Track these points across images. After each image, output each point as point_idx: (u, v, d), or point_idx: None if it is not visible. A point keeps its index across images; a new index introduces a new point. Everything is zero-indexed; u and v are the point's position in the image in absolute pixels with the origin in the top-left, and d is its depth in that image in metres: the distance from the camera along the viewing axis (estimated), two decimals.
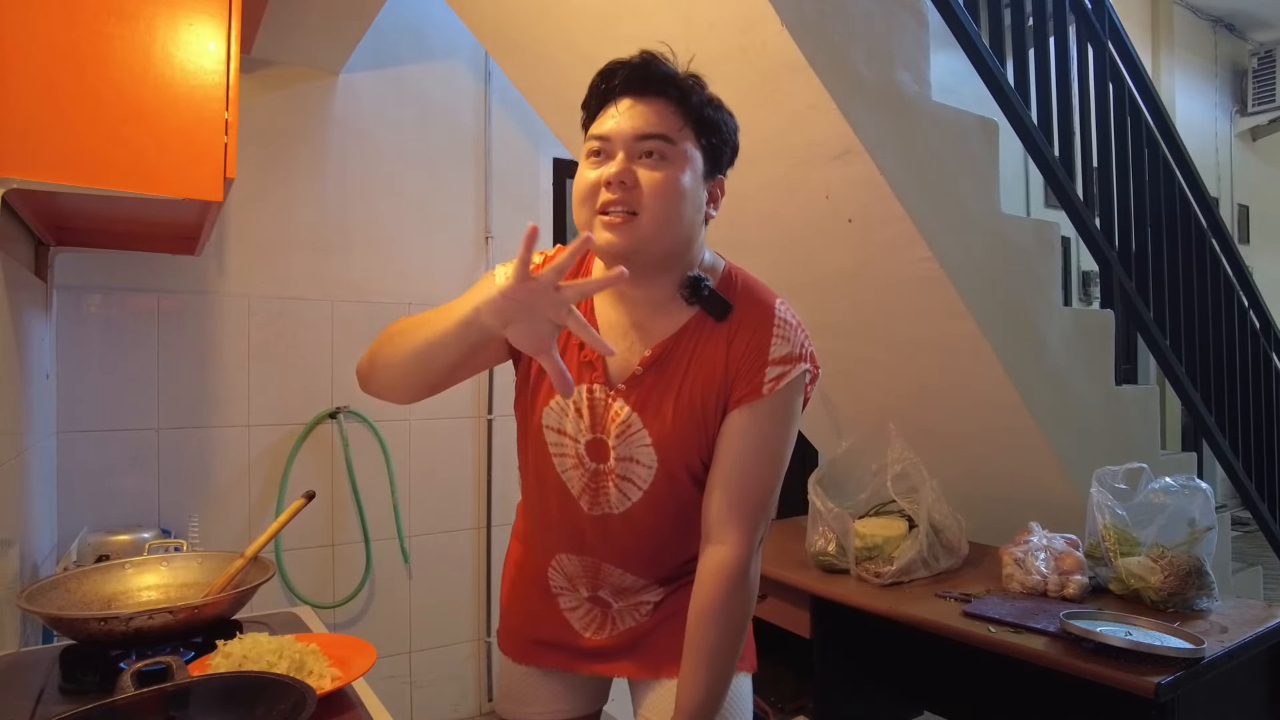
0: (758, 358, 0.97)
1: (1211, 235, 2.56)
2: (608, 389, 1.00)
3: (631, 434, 1.00)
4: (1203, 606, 1.50)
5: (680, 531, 1.04)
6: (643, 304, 1.00)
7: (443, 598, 2.69)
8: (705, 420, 0.99)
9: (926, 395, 2.08)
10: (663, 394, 0.99)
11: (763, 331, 0.98)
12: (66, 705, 0.94)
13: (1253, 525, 3.36)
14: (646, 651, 1.10)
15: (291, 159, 2.45)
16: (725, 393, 0.98)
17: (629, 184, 0.91)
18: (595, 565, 1.08)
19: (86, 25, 1.15)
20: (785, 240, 1.97)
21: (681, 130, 0.94)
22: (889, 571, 1.70)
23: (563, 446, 1.04)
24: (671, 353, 0.99)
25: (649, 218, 0.92)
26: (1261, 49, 6.06)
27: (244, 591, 1.13)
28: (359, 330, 2.55)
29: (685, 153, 0.94)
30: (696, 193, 0.95)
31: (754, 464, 0.98)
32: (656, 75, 0.94)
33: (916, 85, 1.72)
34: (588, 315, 1.02)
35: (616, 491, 1.02)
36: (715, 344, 0.98)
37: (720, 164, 0.99)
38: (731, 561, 0.96)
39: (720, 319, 0.98)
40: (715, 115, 0.96)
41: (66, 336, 2.10)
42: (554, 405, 1.03)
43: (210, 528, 2.26)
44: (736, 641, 0.97)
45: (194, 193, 1.22)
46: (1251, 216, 6.20)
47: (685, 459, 1.00)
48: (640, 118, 0.93)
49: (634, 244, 0.92)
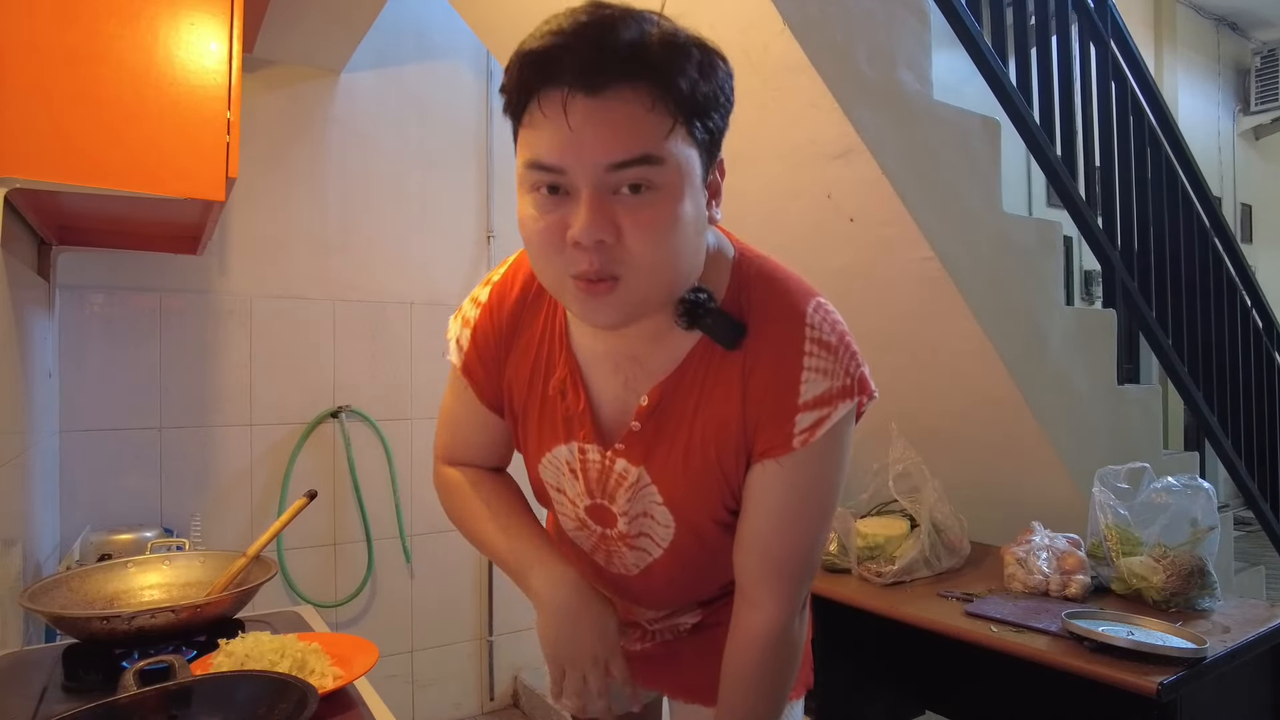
0: (784, 400, 0.73)
1: (1214, 234, 2.55)
2: (602, 449, 0.81)
3: (642, 491, 0.82)
4: (1205, 606, 1.49)
5: (713, 569, 0.88)
6: (633, 334, 0.76)
7: (444, 597, 2.69)
8: (725, 474, 0.79)
9: (928, 395, 2.07)
10: (669, 447, 0.79)
11: (789, 362, 0.73)
12: (69, 704, 0.94)
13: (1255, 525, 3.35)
14: (685, 671, 0.99)
15: (293, 158, 2.45)
16: (746, 442, 0.76)
17: (609, 240, 0.64)
18: (624, 605, 0.97)
19: (88, 25, 1.15)
20: (786, 240, 1.96)
21: (670, 135, 0.64)
22: (891, 571, 1.69)
23: (564, 506, 0.90)
24: (674, 394, 0.77)
25: (638, 278, 0.66)
26: (1264, 48, 6.05)
27: (246, 590, 1.13)
28: (361, 329, 2.55)
29: (679, 165, 0.65)
30: (700, 209, 0.69)
31: (790, 522, 0.78)
32: (619, 51, 0.62)
33: (918, 84, 1.72)
34: (563, 350, 0.81)
35: (631, 553, 0.88)
36: (729, 377, 0.75)
37: (719, 146, 0.71)
38: (768, 628, 0.80)
39: (731, 347, 0.74)
40: (711, 89, 0.67)
41: (69, 336, 2.10)
42: (547, 462, 0.86)
43: (212, 527, 2.26)
44: (775, 709, 0.82)
45: (196, 192, 1.22)
46: (1254, 215, 6.19)
47: (709, 512, 0.82)
48: (609, 132, 0.62)
49: (624, 316, 0.69)
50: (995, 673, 1.66)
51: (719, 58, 0.69)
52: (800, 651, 0.85)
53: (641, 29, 0.63)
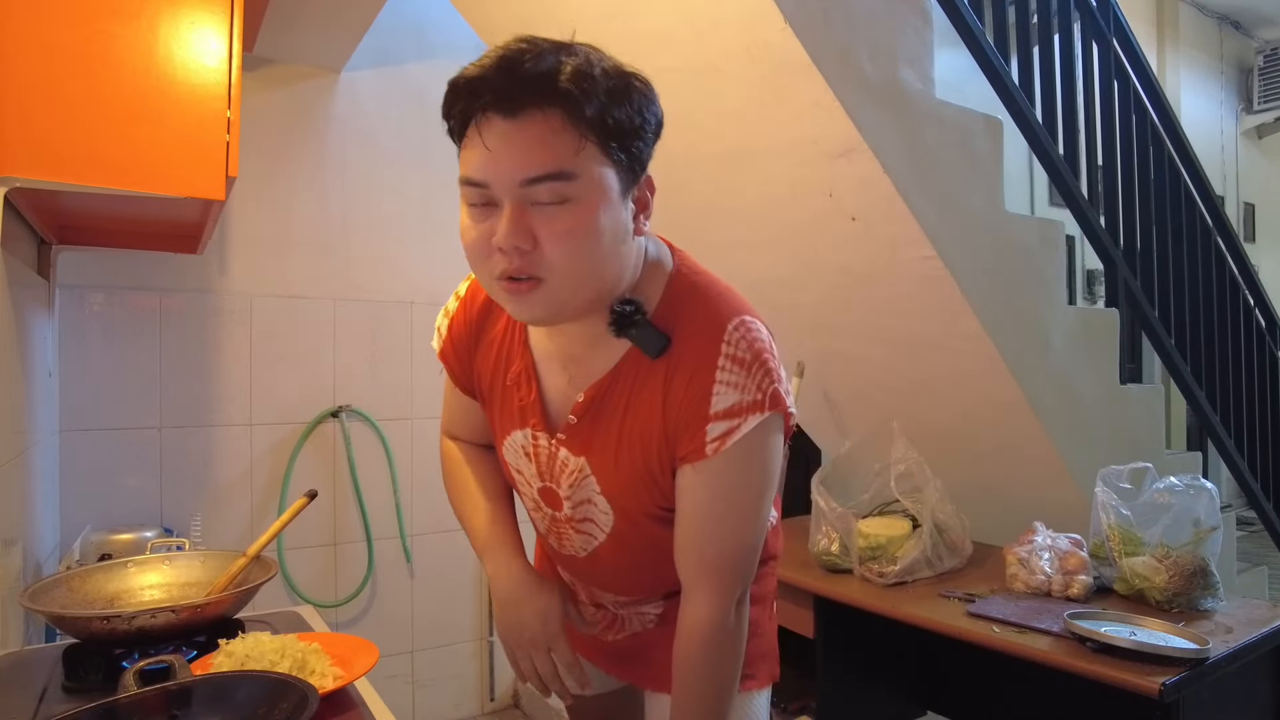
0: (698, 410, 0.79)
1: (1217, 233, 2.54)
2: (550, 436, 0.89)
3: (582, 480, 0.89)
4: (1208, 607, 1.49)
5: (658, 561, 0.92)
6: (575, 336, 0.84)
7: (445, 597, 2.69)
8: (652, 475, 0.85)
9: (930, 394, 2.07)
10: (603, 443, 0.86)
11: (703, 374, 0.79)
12: (69, 704, 0.94)
13: (1258, 525, 3.35)
14: (654, 663, 1.05)
15: (293, 157, 2.45)
16: (668, 448, 0.83)
17: (526, 247, 0.72)
18: (586, 587, 1.05)
19: (89, 24, 1.15)
20: (788, 239, 1.96)
21: (580, 153, 0.71)
22: (892, 571, 1.69)
23: (524, 487, 0.98)
24: (607, 395, 0.84)
25: (559, 280, 0.73)
26: (1268, 46, 6.04)
27: (246, 590, 1.13)
28: (361, 328, 2.55)
29: (593, 180, 0.72)
30: (617, 221, 0.75)
31: (715, 524, 0.84)
32: (530, 81, 0.69)
33: (920, 83, 1.71)
34: (521, 346, 0.90)
35: (578, 536, 0.95)
36: (653, 386, 0.82)
37: (642, 165, 0.77)
38: (704, 622, 0.85)
39: (655, 357, 0.80)
40: (625, 113, 0.73)
41: (69, 335, 2.10)
42: (508, 445, 0.94)
43: (212, 527, 2.26)
44: (722, 695, 0.88)
45: (196, 191, 1.22)
46: (1257, 214, 6.18)
47: (642, 508, 0.89)
48: (522, 151, 0.70)
49: (549, 313, 0.77)
50: (997, 673, 1.66)
51: (637, 85, 0.75)
52: (741, 644, 0.89)
53: (557, 60, 0.71)
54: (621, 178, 0.75)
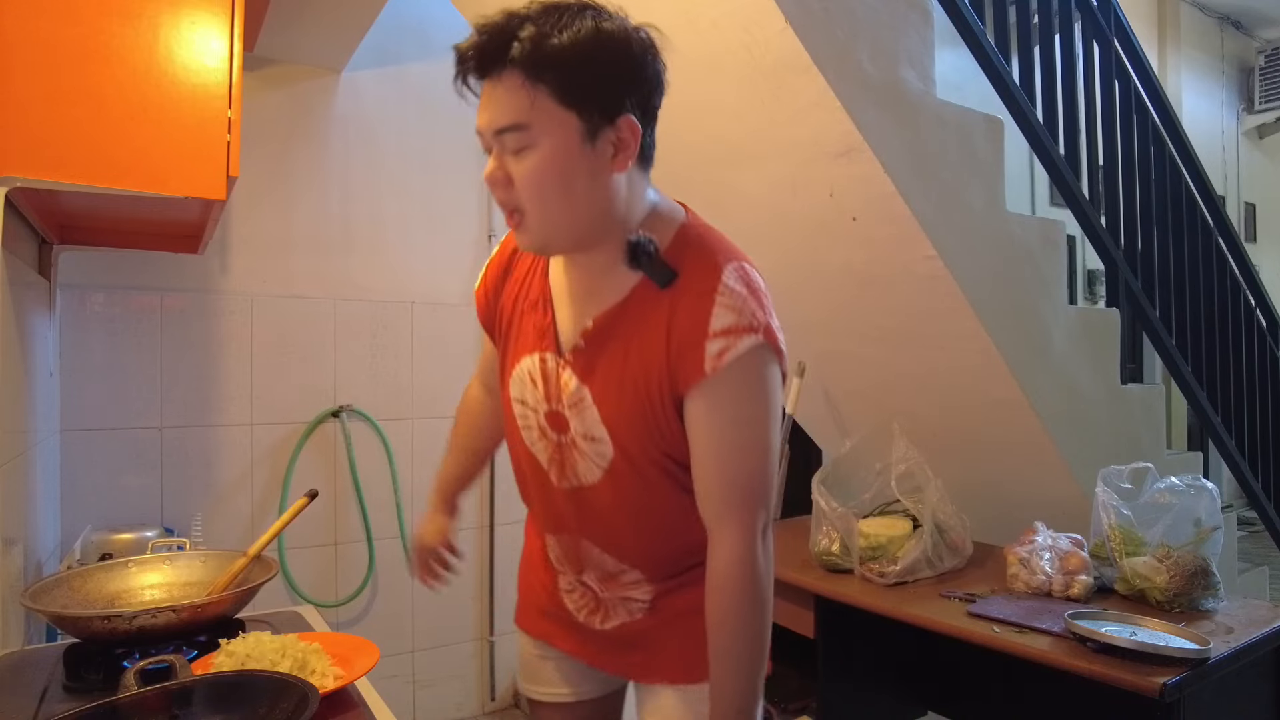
0: (697, 330, 0.87)
1: (1218, 233, 2.54)
2: (559, 357, 0.96)
3: (584, 408, 0.95)
4: (1208, 607, 1.49)
5: (657, 519, 0.99)
6: (586, 270, 0.95)
7: (445, 597, 2.69)
8: (652, 403, 0.91)
9: (931, 394, 2.07)
10: (608, 369, 0.93)
11: (705, 300, 0.88)
12: (70, 703, 0.94)
13: (1259, 525, 3.35)
14: (644, 654, 1.07)
15: (294, 157, 2.45)
16: (670, 372, 0.89)
17: (502, 183, 0.87)
18: (575, 543, 1.05)
19: (90, 24, 1.15)
20: (789, 238, 1.96)
21: (533, 107, 0.82)
22: (893, 571, 1.69)
23: (527, 418, 1.02)
24: (615, 323, 0.93)
25: (533, 213, 0.88)
26: (1269, 46, 6.03)
27: (247, 590, 1.13)
28: (362, 328, 2.55)
29: (549, 128, 0.83)
30: (583, 162, 0.85)
31: (726, 451, 0.90)
32: (491, 52, 0.83)
33: (921, 83, 1.71)
34: (540, 280, 1.01)
35: (583, 461, 0.98)
36: (658, 314, 0.90)
37: (610, 109, 0.85)
38: (731, 558, 0.91)
39: (663, 286, 0.90)
40: (582, 73, 0.83)
41: (70, 335, 2.10)
42: (516, 375, 1.01)
43: (213, 526, 2.26)
44: (757, 642, 0.92)
45: (197, 191, 1.22)
46: (1258, 214, 6.18)
47: (640, 444, 0.94)
48: (491, 108, 0.85)
49: (536, 241, 0.91)
50: (998, 673, 1.66)
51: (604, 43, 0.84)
52: (770, 585, 0.93)
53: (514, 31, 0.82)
54: (587, 123, 0.85)
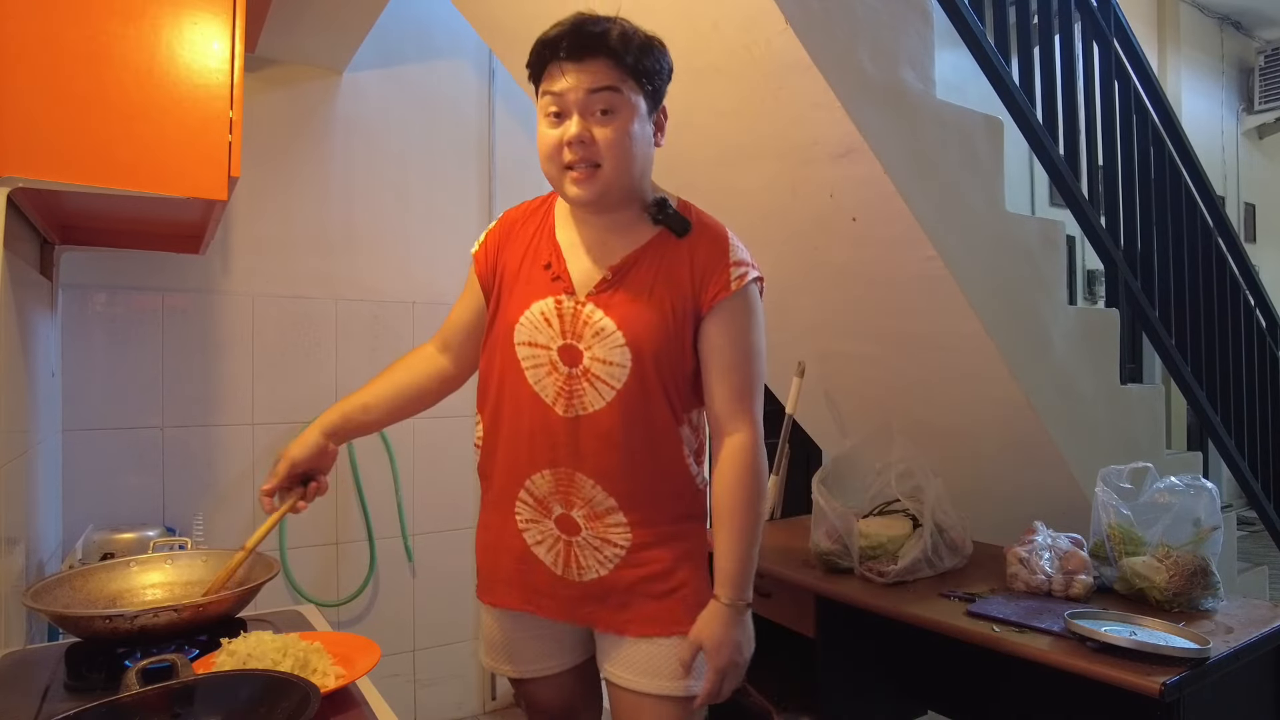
0: (721, 260, 1.13)
1: (1217, 234, 2.54)
2: (575, 298, 1.13)
3: (606, 336, 1.11)
4: (1208, 606, 1.49)
5: (650, 449, 1.13)
6: (603, 227, 1.15)
7: (446, 596, 2.69)
8: (673, 321, 1.11)
9: (931, 394, 2.07)
10: (633, 297, 1.12)
11: (721, 242, 1.15)
12: (72, 702, 0.95)
13: (1258, 525, 3.35)
14: (614, 607, 1.16)
15: (296, 158, 2.45)
16: (694, 296, 1.12)
17: (588, 141, 1.06)
18: (569, 476, 1.14)
19: (92, 24, 1.15)
20: (789, 239, 1.96)
21: (624, 82, 1.06)
22: (893, 571, 1.69)
23: (536, 357, 1.14)
24: (638, 263, 1.13)
25: (610, 167, 1.07)
26: (1268, 46, 6.03)
27: (248, 590, 1.13)
28: (363, 328, 2.55)
29: (630, 101, 1.07)
30: (645, 133, 1.11)
31: (740, 357, 1.13)
32: (591, 39, 1.05)
33: (921, 83, 1.72)
34: (548, 239, 1.18)
35: (592, 390, 1.12)
36: (679, 256, 1.13)
37: (660, 99, 1.13)
38: (742, 442, 1.12)
39: (681, 235, 1.14)
40: (649, 62, 1.08)
41: (72, 335, 2.11)
42: (526, 320, 1.15)
43: (215, 526, 2.26)
44: (758, 510, 1.13)
45: (199, 191, 1.22)
46: (1258, 215, 6.17)
47: (657, 361, 1.11)
48: (588, 76, 1.05)
49: (601, 192, 1.09)
50: (998, 673, 1.66)
51: (656, 45, 1.11)
52: (765, 467, 1.15)
53: (607, 27, 1.07)
54: (647, 104, 1.10)
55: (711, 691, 1.12)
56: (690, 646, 1.12)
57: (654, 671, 1.15)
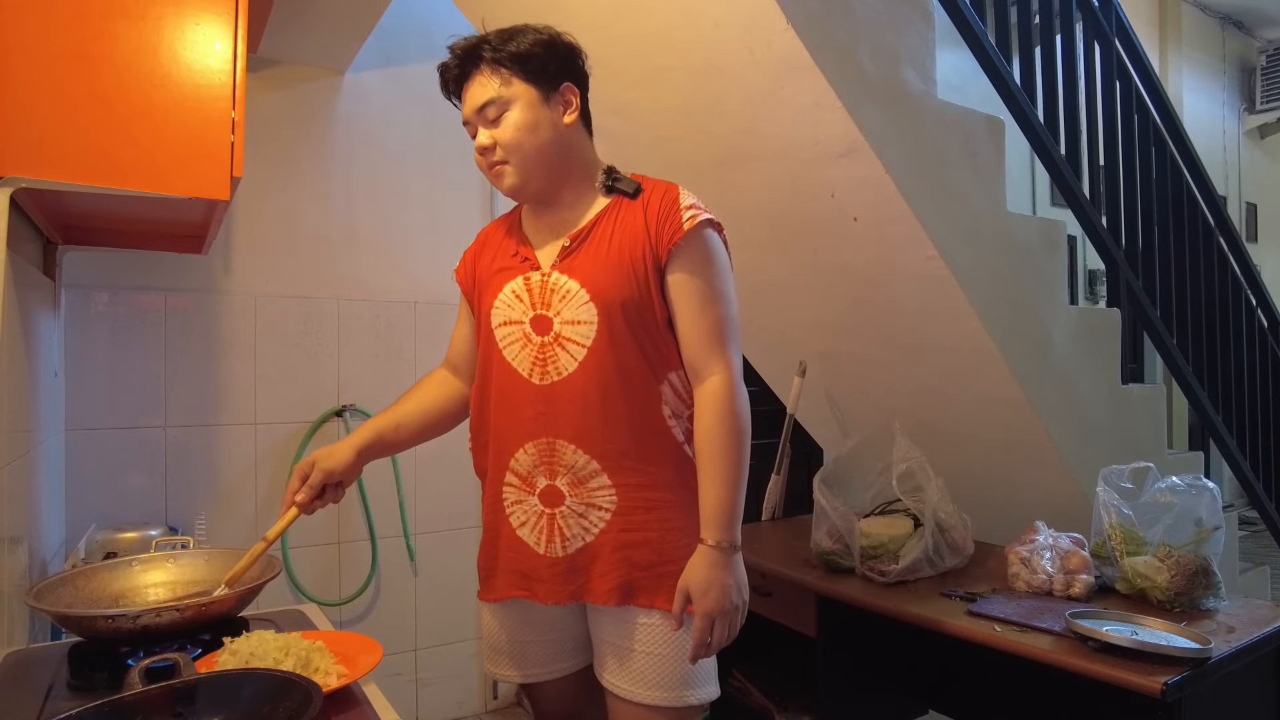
0: (672, 206, 1.18)
1: (1219, 233, 2.54)
2: (541, 271, 1.20)
3: (571, 296, 1.17)
4: (1210, 606, 1.49)
5: (627, 406, 1.16)
6: (557, 207, 1.23)
7: (448, 596, 2.70)
8: (634, 269, 1.16)
9: (932, 394, 2.07)
10: (593, 255, 1.18)
11: (672, 192, 1.20)
12: (75, 701, 0.95)
13: (1260, 525, 3.35)
14: (597, 578, 1.17)
15: (298, 158, 2.46)
16: (652, 243, 1.16)
17: (490, 147, 1.17)
18: (549, 446, 1.17)
19: (94, 25, 1.15)
20: (790, 239, 1.96)
21: (501, 85, 1.15)
22: (894, 570, 1.69)
23: (512, 334, 1.21)
24: (595, 227, 1.20)
25: (516, 159, 1.17)
26: (1270, 46, 6.03)
27: (251, 589, 1.14)
28: (365, 328, 2.56)
29: (514, 97, 1.15)
30: (546, 115, 1.17)
31: (705, 300, 1.16)
32: (460, 68, 1.19)
33: (922, 83, 1.72)
34: (516, 233, 1.27)
35: (564, 354, 1.17)
36: (633, 213, 1.19)
37: (556, 77, 1.18)
38: (719, 383, 1.14)
39: (634, 197, 1.20)
40: (525, 53, 1.15)
41: (74, 335, 2.11)
42: (500, 301, 1.22)
43: (217, 525, 2.26)
44: (739, 451, 1.14)
45: (201, 191, 1.22)
46: (1259, 214, 6.17)
47: (624, 308, 1.15)
48: (472, 97, 1.17)
49: (521, 181, 1.18)
50: (999, 673, 1.66)
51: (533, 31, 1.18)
52: (747, 408, 1.16)
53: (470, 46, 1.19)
54: (541, 90, 1.16)
55: (700, 640, 1.09)
56: (679, 595, 1.10)
57: (651, 682, 1.15)
